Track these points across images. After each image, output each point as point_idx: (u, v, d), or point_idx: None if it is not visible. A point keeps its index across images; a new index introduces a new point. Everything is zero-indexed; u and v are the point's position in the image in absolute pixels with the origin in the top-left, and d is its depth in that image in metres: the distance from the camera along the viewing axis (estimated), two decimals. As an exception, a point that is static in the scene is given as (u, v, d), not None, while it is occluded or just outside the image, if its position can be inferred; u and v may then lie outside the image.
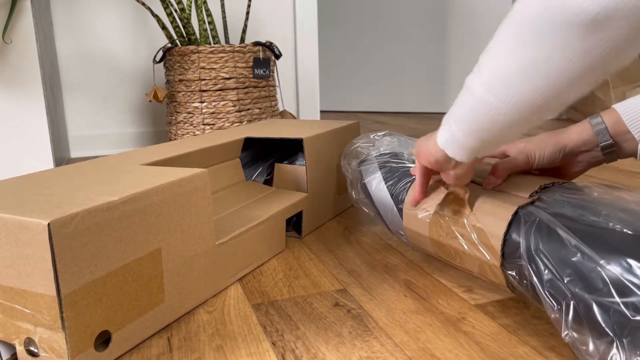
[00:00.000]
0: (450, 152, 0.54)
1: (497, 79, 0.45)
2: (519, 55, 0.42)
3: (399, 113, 2.90)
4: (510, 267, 0.56)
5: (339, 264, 0.77)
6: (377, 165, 0.78)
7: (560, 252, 0.49)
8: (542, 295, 0.50)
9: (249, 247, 0.74)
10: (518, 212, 0.56)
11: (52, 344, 0.48)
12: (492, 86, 0.45)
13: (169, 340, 0.57)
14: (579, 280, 0.47)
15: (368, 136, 0.86)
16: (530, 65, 0.42)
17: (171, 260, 0.59)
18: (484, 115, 0.47)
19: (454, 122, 0.51)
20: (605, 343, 0.43)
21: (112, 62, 1.83)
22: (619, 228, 0.47)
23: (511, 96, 0.44)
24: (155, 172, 0.63)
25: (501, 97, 0.45)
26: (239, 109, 1.51)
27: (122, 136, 1.87)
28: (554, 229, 0.51)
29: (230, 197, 0.87)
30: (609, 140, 0.63)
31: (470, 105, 0.48)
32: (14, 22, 1.30)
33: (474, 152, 0.53)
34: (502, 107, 0.45)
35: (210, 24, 1.54)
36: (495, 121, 0.47)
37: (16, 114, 1.35)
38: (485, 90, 0.46)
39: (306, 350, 0.54)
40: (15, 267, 0.48)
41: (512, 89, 0.44)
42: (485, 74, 0.46)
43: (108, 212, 0.51)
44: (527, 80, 0.43)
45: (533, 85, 0.42)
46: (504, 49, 0.44)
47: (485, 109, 0.46)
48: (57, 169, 0.67)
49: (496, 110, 0.46)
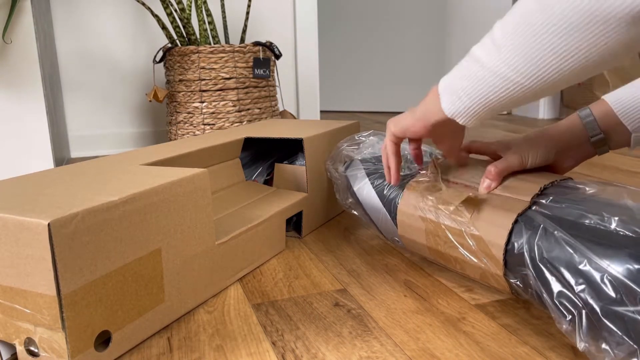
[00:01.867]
0: (461, 121, 0.55)
1: (523, 61, 0.46)
2: (552, 43, 0.44)
3: (399, 113, 2.90)
4: (514, 275, 0.55)
5: (339, 264, 0.77)
6: (365, 171, 0.77)
7: (567, 260, 0.48)
8: (550, 306, 0.49)
9: (249, 247, 0.74)
10: (518, 220, 0.55)
11: (52, 344, 0.48)
12: (518, 67, 0.47)
13: (169, 340, 0.57)
14: (590, 289, 0.46)
15: (353, 137, 0.85)
16: (566, 53, 0.44)
17: (171, 260, 0.59)
18: (505, 91, 0.49)
19: (465, 95, 0.53)
20: (627, 352, 0.43)
21: (112, 62, 1.83)
22: (622, 232, 0.47)
23: (540, 77, 0.46)
24: (155, 172, 0.63)
25: (528, 76, 0.47)
26: (239, 109, 1.51)
27: (122, 136, 1.87)
28: (557, 237, 0.50)
29: (230, 197, 0.87)
30: (599, 133, 0.63)
31: (487, 81, 0.50)
32: (14, 22, 1.30)
33: (484, 119, 0.55)
34: (526, 85, 0.47)
35: (210, 24, 1.54)
36: (516, 96, 0.49)
37: (16, 114, 1.35)
38: (511, 70, 0.47)
39: (306, 350, 0.54)
40: (16, 267, 0.48)
41: (544, 71, 0.46)
42: (507, 53, 0.47)
43: (108, 212, 0.51)
44: (562, 66, 0.44)
45: (568, 70, 0.44)
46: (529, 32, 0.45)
47: (507, 84, 0.48)
48: (57, 169, 0.67)
49: (519, 87, 0.48)
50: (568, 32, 0.42)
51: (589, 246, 0.48)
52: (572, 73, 0.45)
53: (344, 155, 0.83)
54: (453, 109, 0.55)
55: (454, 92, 0.54)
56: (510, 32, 0.47)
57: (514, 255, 0.54)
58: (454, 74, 0.54)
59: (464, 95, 0.53)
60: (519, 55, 0.46)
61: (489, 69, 0.49)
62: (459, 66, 0.54)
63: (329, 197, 0.96)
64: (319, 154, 0.91)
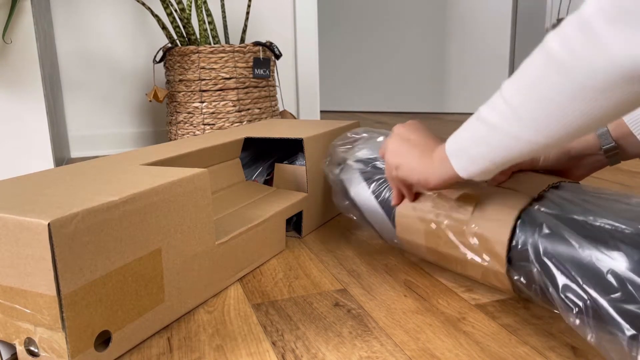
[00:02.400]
0: (477, 179, 0.54)
1: (545, 124, 0.43)
2: (572, 108, 0.41)
3: (399, 113, 2.90)
4: (517, 272, 0.55)
5: (339, 264, 0.77)
6: (360, 174, 0.76)
7: (572, 255, 0.49)
8: (557, 299, 0.50)
9: (249, 247, 0.74)
10: (521, 216, 0.55)
11: (52, 344, 0.48)
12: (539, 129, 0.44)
13: (169, 340, 0.57)
14: (595, 283, 0.46)
15: (346, 136, 0.84)
16: (588, 118, 0.41)
17: (171, 260, 0.59)
18: (524, 151, 0.47)
19: (481, 159, 0.51)
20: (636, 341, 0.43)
21: (112, 62, 1.83)
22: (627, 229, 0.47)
23: (563, 135, 0.44)
24: (155, 172, 0.63)
25: (549, 136, 0.44)
26: (239, 109, 1.51)
27: (122, 136, 1.87)
28: (561, 233, 0.51)
29: (230, 197, 0.87)
30: (612, 143, 0.64)
31: (505, 144, 0.47)
32: (14, 22, 1.30)
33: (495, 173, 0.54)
34: (549, 143, 0.45)
35: (210, 24, 1.54)
36: (536, 150, 0.47)
37: (16, 114, 1.35)
38: (531, 133, 0.45)
39: (306, 350, 0.54)
40: (16, 267, 0.48)
41: (567, 130, 0.43)
42: (524, 114, 0.45)
43: (108, 212, 0.51)
44: (589, 123, 0.42)
45: (594, 125, 0.42)
46: (547, 94, 0.42)
47: (527, 145, 0.46)
48: (57, 169, 0.67)
49: (541, 146, 0.45)
50: (593, 94, 0.39)
51: (592, 242, 0.48)
52: (600, 123, 0.42)
53: (337, 157, 0.82)
54: (469, 171, 0.53)
55: (469, 157, 0.52)
56: (526, 93, 0.44)
57: (517, 251, 0.55)
58: (463, 136, 0.52)
59: (480, 159, 0.51)
60: (538, 118, 0.44)
61: (506, 132, 0.47)
62: (469, 129, 0.52)
63: (328, 197, 0.96)
64: (319, 154, 0.91)
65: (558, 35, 0.41)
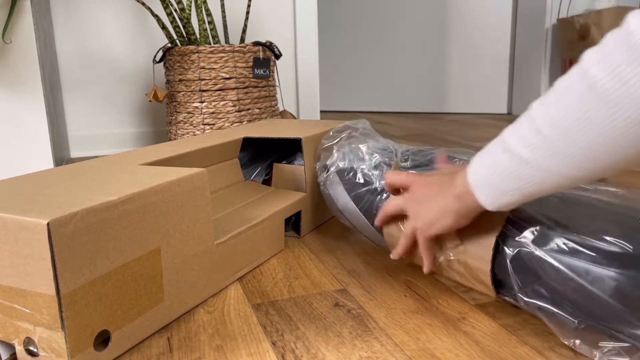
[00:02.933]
0: (504, 209, 0.51)
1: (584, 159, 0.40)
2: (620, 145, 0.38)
3: (399, 113, 2.90)
4: (507, 296, 0.57)
5: (339, 264, 0.76)
6: (344, 188, 0.75)
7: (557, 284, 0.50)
8: (550, 324, 0.52)
9: (248, 247, 0.73)
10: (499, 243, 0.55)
11: (51, 344, 0.48)
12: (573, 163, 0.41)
13: (169, 340, 0.57)
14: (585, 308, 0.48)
15: (329, 134, 0.84)
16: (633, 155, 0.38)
17: (170, 260, 0.59)
18: (556, 184, 0.44)
19: (510, 191, 0.48)
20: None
21: (112, 62, 1.83)
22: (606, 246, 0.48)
23: (601, 171, 0.41)
24: (154, 171, 0.63)
25: (585, 169, 0.41)
26: (239, 109, 1.51)
27: (122, 136, 1.87)
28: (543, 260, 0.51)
29: (229, 197, 0.87)
30: None
31: (536, 177, 0.44)
32: (14, 22, 1.30)
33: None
34: (585, 176, 0.42)
35: (210, 24, 1.54)
36: (567, 184, 0.44)
37: (16, 114, 1.34)
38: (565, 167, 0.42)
39: (306, 350, 0.54)
40: (15, 267, 0.48)
41: (604, 166, 0.40)
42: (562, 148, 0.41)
43: (107, 212, 0.51)
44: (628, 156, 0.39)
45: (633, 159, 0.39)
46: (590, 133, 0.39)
47: (560, 179, 0.43)
48: (57, 169, 0.67)
49: (575, 180, 0.43)
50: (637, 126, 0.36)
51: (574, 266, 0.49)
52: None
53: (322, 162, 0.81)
54: (497, 204, 0.50)
55: (497, 190, 0.49)
56: (565, 127, 0.40)
57: (501, 281, 0.56)
58: (489, 167, 0.49)
59: (509, 191, 0.47)
60: (579, 155, 0.40)
61: (540, 167, 0.43)
62: (496, 161, 0.47)
63: (328, 197, 0.96)
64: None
65: (604, 63, 0.36)
